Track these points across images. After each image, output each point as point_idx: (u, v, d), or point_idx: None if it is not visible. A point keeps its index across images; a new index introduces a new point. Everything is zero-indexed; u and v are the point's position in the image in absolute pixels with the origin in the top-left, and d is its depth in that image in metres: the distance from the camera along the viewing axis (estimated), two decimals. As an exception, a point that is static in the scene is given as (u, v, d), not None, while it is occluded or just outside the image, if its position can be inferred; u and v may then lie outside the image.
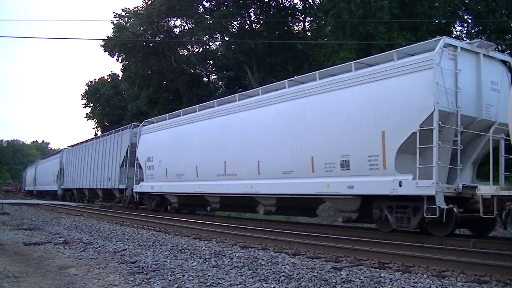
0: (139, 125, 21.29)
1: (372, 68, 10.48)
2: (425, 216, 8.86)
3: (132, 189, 20.39)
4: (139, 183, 19.67)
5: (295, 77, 13.36)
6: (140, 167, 19.61)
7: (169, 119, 18.61)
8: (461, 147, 9.22)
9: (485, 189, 8.36)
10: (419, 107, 9.20)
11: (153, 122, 19.93)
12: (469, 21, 23.09)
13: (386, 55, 10.58)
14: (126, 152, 21.35)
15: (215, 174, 14.64)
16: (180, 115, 17.73)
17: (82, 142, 31.16)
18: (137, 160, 19.91)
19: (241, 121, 14.03)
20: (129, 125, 22.59)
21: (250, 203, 15.19)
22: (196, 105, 16.98)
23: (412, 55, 9.92)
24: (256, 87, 16.90)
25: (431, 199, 8.78)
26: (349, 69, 10.97)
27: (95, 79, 55.75)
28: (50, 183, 38.20)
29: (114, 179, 22.24)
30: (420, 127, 9.09)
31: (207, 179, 15.09)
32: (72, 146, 33.60)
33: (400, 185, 9.23)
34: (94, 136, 33.80)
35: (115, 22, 36.36)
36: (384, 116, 9.81)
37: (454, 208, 8.80)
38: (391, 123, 9.66)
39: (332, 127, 10.86)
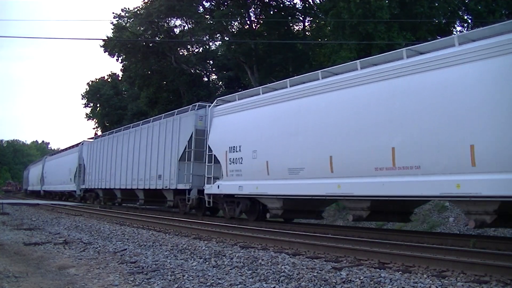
0: (205, 105, 16.36)
1: None
2: None
3: (202, 190, 15.42)
4: (213, 182, 14.73)
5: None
6: (215, 161, 14.75)
7: (263, 93, 13.41)
8: None
9: None
10: None
11: (234, 99, 14.76)
12: (469, 21, 23.14)
13: None
14: (189, 141, 16.19)
15: (370, 168, 9.92)
16: (286, 87, 12.61)
17: (112, 131, 25.32)
18: (209, 151, 14.97)
19: (425, 87, 9.14)
20: (191, 106, 17.12)
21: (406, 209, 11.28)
22: (318, 71, 11.94)
23: None
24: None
25: None
26: None
27: (96, 79, 55.92)
28: (65, 182, 32.72)
29: (169, 177, 17.16)
30: None
31: (352, 175, 10.28)
32: (96, 137, 27.88)
33: None
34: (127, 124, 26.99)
35: (115, 22, 36.46)
36: None
37: None
38: None
39: None
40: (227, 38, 34.64)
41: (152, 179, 18.44)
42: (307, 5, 32.83)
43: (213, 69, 41.49)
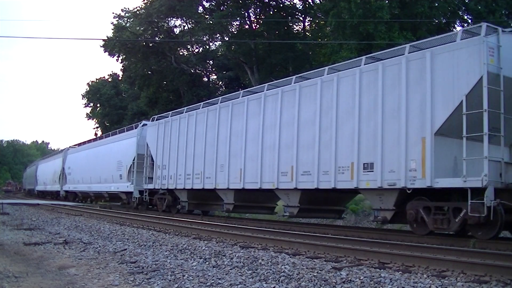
0: (497, 29, 8.86)
1: None
2: None
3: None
4: None
5: None
6: None
7: None
8: None
9: None
10: None
11: None
12: (469, 21, 23.16)
13: None
14: (468, 96, 8.67)
15: None
16: None
17: (209, 102, 17.03)
18: None
19: None
20: (460, 32, 9.37)
21: None
22: None
23: None
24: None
25: None
26: None
27: (96, 79, 56.04)
28: (110, 180, 24.00)
29: (399, 167, 9.70)
30: None
31: None
32: (174, 112, 19.05)
33: None
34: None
35: (115, 22, 36.53)
36: None
37: None
38: None
39: None
40: (227, 38, 34.70)
41: (343, 171, 10.98)
42: (307, 5, 32.86)
43: (213, 69, 41.57)
